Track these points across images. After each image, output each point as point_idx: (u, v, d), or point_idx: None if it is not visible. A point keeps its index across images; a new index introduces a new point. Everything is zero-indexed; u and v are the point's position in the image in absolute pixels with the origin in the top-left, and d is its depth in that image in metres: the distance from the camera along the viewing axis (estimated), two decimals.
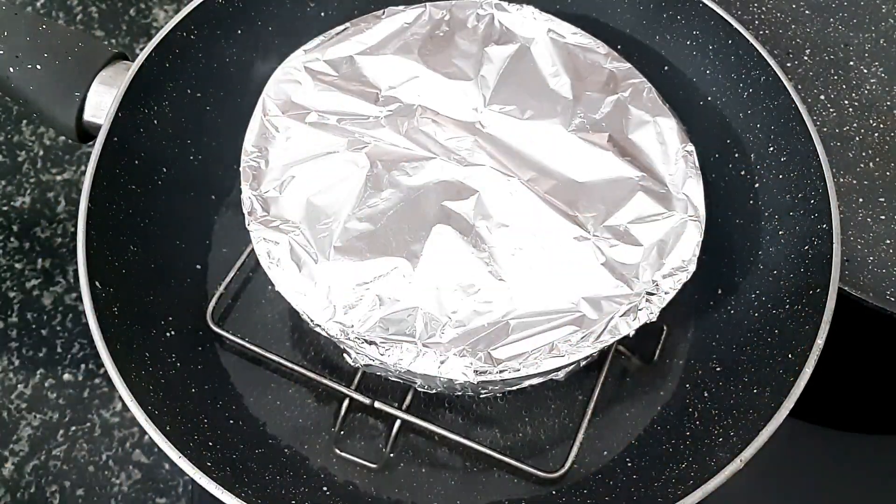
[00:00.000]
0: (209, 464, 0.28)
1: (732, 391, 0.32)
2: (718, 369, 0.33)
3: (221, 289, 0.35)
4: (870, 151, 0.45)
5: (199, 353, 0.34)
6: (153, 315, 0.33)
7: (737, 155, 0.35)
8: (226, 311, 0.36)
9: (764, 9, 0.48)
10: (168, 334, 0.33)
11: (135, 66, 0.34)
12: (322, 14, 0.38)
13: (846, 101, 0.46)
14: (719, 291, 0.35)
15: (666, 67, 0.36)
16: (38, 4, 0.50)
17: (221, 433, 0.32)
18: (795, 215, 0.33)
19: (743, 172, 0.35)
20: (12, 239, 0.42)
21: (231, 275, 0.35)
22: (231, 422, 0.33)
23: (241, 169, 0.31)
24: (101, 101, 0.34)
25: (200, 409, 0.32)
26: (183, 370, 0.33)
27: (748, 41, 0.35)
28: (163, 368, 0.32)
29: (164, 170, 0.35)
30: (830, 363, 0.30)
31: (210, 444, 0.30)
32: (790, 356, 0.30)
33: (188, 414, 0.31)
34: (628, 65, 0.34)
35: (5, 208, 0.43)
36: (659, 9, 0.37)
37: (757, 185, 0.35)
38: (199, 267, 0.36)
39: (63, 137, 0.44)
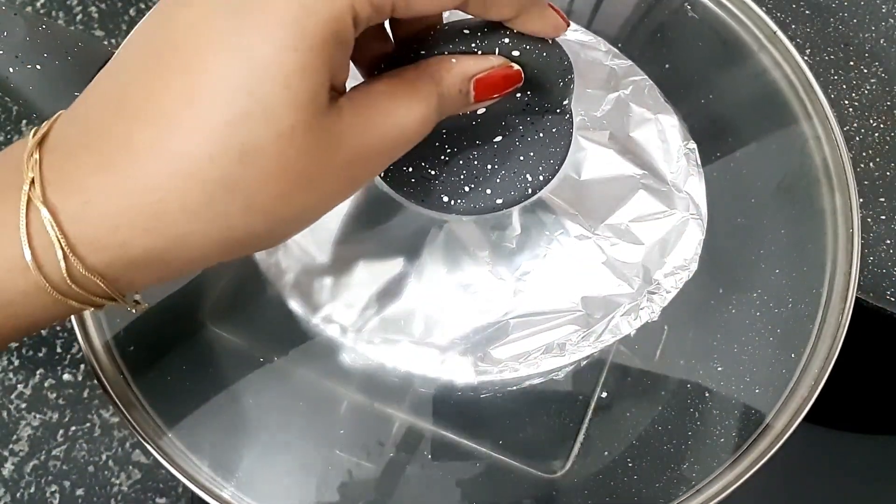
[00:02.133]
0: (206, 469, 0.28)
1: (734, 391, 0.32)
2: (719, 369, 0.33)
3: (219, 288, 0.35)
4: (870, 151, 0.45)
5: (197, 354, 0.34)
6: (149, 315, 0.33)
7: (739, 153, 0.35)
8: (224, 310, 0.36)
9: (764, 9, 0.48)
10: (165, 334, 0.33)
11: None
12: None
13: (846, 101, 0.46)
14: (721, 290, 0.35)
15: (667, 65, 0.36)
16: (38, 4, 0.50)
17: (218, 436, 0.32)
18: (798, 213, 0.33)
19: (745, 171, 0.35)
20: None
21: (229, 274, 0.35)
22: (228, 423, 0.33)
23: None
24: None
25: (197, 412, 0.32)
26: (179, 371, 0.33)
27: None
28: (159, 369, 0.32)
29: None
30: (833, 362, 0.30)
31: (207, 448, 0.30)
32: (792, 356, 0.30)
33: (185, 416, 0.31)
34: (629, 62, 0.34)
35: None
36: (661, 6, 0.37)
37: (759, 182, 0.35)
38: None
39: None
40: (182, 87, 0.18)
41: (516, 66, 0.24)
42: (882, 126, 0.45)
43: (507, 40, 0.24)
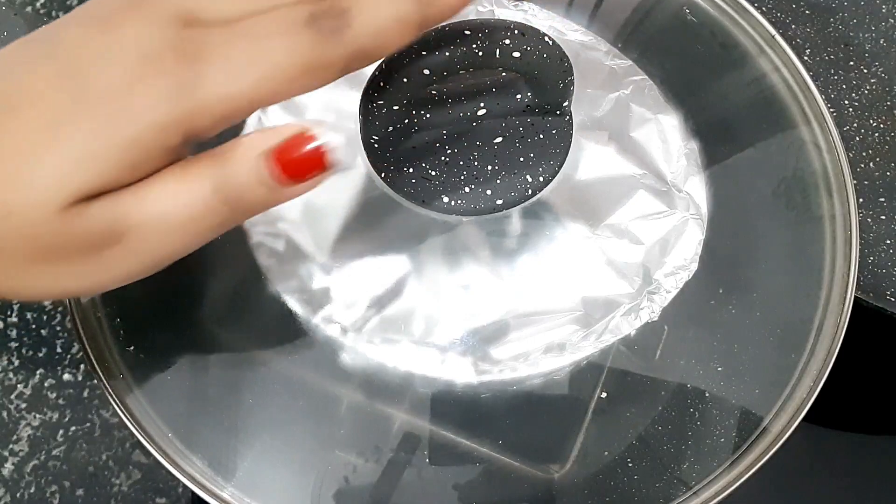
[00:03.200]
0: (206, 469, 0.28)
1: (733, 391, 0.32)
2: (719, 369, 0.33)
3: (219, 288, 0.35)
4: (870, 151, 0.45)
5: (197, 354, 0.34)
6: (149, 315, 0.33)
7: (738, 155, 0.35)
8: (223, 310, 0.36)
9: (764, 9, 0.48)
10: (164, 334, 0.33)
11: None
12: None
13: (846, 101, 0.46)
14: (721, 290, 0.35)
15: (667, 66, 0.36)
16: (38, 4, 0.50)
17: (218, 437, 0.32)
18: (797, 216, 0.33)
19: (744, 172, 0.35)
20: None
21: (228, 274, 0.35)
22: (228, 423, 0.33)
23: None
24: None
25: (197, 412, 0.32)
26: (179, 371, 0.32)
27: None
28: (159, 369, 0.32)
29: None
30: (832, 364, 0.30)
31: (206, 448, 0.30)
32: (791, 356, 0.30)
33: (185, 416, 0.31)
34: (630, 62, 0.34)
35: None
36: (661, 7, 0.37)
37: (758, 184, 0.35)
38: (194, 265, 0.36)
39: None
40: None
41: (325, 140, 0.20)
42: (882, 126, 0.45)
43: (507, 41, 0.24)
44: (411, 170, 0.27)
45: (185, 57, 0.18)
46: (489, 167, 0.28)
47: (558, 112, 0.29)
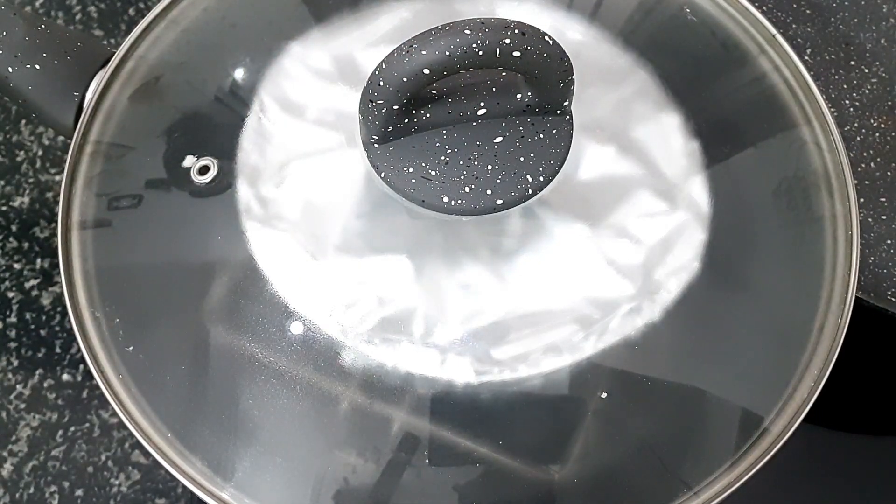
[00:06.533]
0: (205, 470, 0.28)
1: (733, 391, 0.32)
2: (719, 369, 0.33)
3: (219, 288, 0.35)
4: (871, 151, 0.45)
5: (196, 354, 0.34)
6: (148, 315, 0.33)
7: (738, 156, 0.35)
8: (223, 310, 0.35)
9: (764, 8, 0.48)
10: (164, 334, 0.33)
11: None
12: (318, 9, 0.38)
13: (847, 101, 0.46)
14: (721, 290, 0.35)
15: (667, 67, 0.36)
16: (37, 4, 0.49)
17: (218, 437, 0.32)
18: (798, 216, 0.33)
19: (745, 173, 0.35)
20: (11, 239, 0.42)
21: (228, 273, 0.35)
22: (228, 423, 0.33)
23: (236, 167, 0.31)
24: None
25: (196, 412, 0.32)
26: (179, 371, 0.32)
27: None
28: (159, 369, 0.32)
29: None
30: (832, 364, 0.30)
31: (206, 449, 0.30)
32: (792, 356, 0.30)
33: (185, 416, 0.31)
34: (629, 62, 0.34)
35: (4, 208, 0.43)
36: (662, 7, 0.37)
37: (759, 185, 0.35)
38: (193, 265, 0.36)
39: (62, 137, 0.44)
40: None
41: None
42: (883, 126, 0.45)
43: (507, 41, 0.24)
44: (411, 169, 0.27)
45: None
46: (489, 167, 0.28)
47: (558, 112, 0.29)
